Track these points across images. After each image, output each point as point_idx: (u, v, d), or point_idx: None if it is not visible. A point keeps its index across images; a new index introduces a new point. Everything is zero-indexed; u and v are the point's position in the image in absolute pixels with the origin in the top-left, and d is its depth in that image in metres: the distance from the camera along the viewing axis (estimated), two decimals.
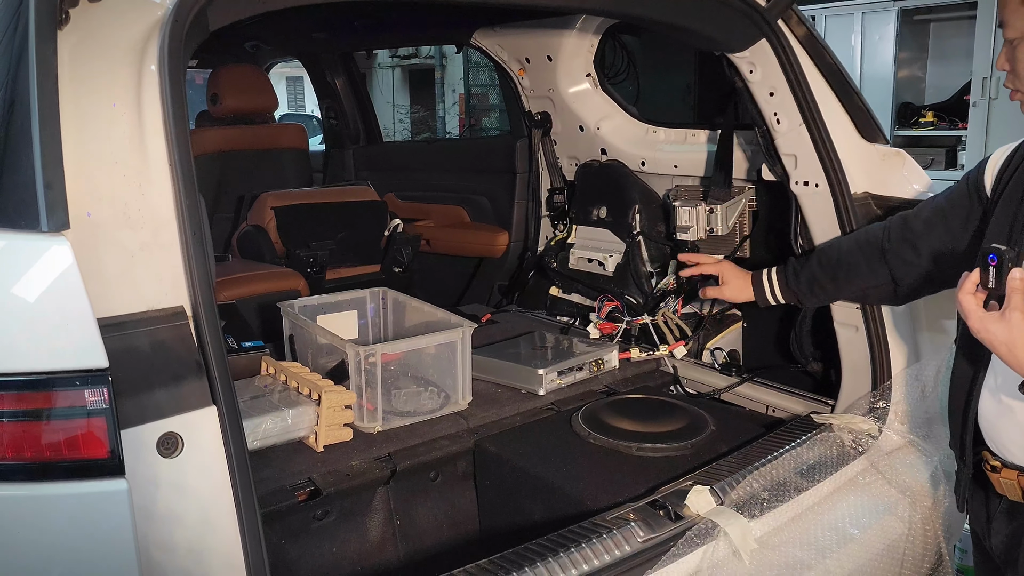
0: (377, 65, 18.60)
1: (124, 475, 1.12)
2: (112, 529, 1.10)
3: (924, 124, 6.28)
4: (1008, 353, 1.35)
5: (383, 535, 2.13)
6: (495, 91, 14.64)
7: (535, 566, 1.57)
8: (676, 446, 2.14)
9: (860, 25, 6.38)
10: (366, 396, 2.19)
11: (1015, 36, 1.52)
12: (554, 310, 3.30)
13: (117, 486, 1.11)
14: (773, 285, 2.23)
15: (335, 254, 3.71)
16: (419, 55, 17.88)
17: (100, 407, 1.10)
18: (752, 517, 1.78)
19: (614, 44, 3.33)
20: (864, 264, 2.04)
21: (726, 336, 2.79)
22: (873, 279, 2.03)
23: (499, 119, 14.31)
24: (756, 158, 2.63)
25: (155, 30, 1.40)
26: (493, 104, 14.87)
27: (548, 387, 2.47)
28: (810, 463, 2.01)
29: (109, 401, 1.10)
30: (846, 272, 2.09)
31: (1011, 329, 1.33)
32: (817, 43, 2.39)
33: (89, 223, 1.23)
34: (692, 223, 2.74)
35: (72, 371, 1.09)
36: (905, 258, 1.93)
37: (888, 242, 1.97)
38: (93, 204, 1.26)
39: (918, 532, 2.04)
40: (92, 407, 1.09)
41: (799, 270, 2.18)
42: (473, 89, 15.63)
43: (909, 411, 2.24)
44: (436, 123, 17.21)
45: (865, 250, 2.04)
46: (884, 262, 1.98)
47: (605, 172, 3.18)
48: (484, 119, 15.13)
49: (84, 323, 1.10)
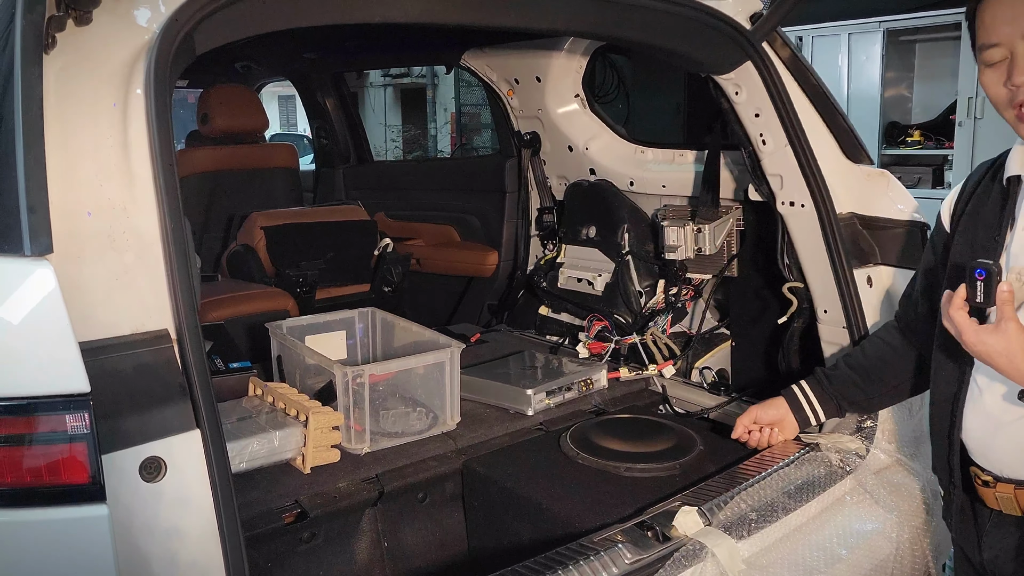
0: (369, 84, 18.68)
1: (105, 500, 1.12)
2: (93, 555, 1.09)
3: (911, 143, 6.33)
4: (1008, 363, 1.36)
5: (371, 557, 2.12)
6: (487, 110, 14.70)
7: None
8: (664, 466, 2.14)
9: (847, 45, 6.45)
10: (354, 417, 2.19)
11: None
12: (543, 329, 3.30)
13: (98, 511, 1.10)
14: (809, 397, 2.10)
15: (325, 274, 3.71)
16: (411, 74, 17.97)
17: (81, 432, 1.09)
18: (740, 538, 1.77)
19: (604, 64, 3.36)
20: (890, 351, 1.98)
21: (715, 355, 2.80)
22: (903, 360, 1.95)
23: (491, 138, 14.36)
24: (743, 178, 2.65)
25: (142, 53, 1.40)
26: (485, 123, 14.93)
27: (537, 407, 2.47)
28: (798, 483, 2.01)
29: (90, 426, 1.10)
30: (878, 365, 2.01)
31: (1009, 339, 1.35)
32: (801, 65, 2.42)
33: (73, 246, 1.23)
34: (680, 243, 2.76)
35: (53, 396, 1.09)
36: (920, 327, 1.87)
37: (902, 320, 1.95)
38: (77, 227, 1.26)
39: (906, 552, 2.04)
40: (73, 432, 1.09)
41: (830, 375, 2.09)
42: (464, 108, 15.71)
43: (896, 430, 2.24)
44: (428, 142, 17.27)
45: (886, 337, 1.99)
46: (905, 337, 1.94)
47: (594, 192, 3.19)
48: (476, 137, 15.19)
49: (66, 347, 1.10)
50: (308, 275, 3.66)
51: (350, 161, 4.74)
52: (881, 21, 6.26)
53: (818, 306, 2.36)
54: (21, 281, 1.09)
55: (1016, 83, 1.43)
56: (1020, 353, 1.35)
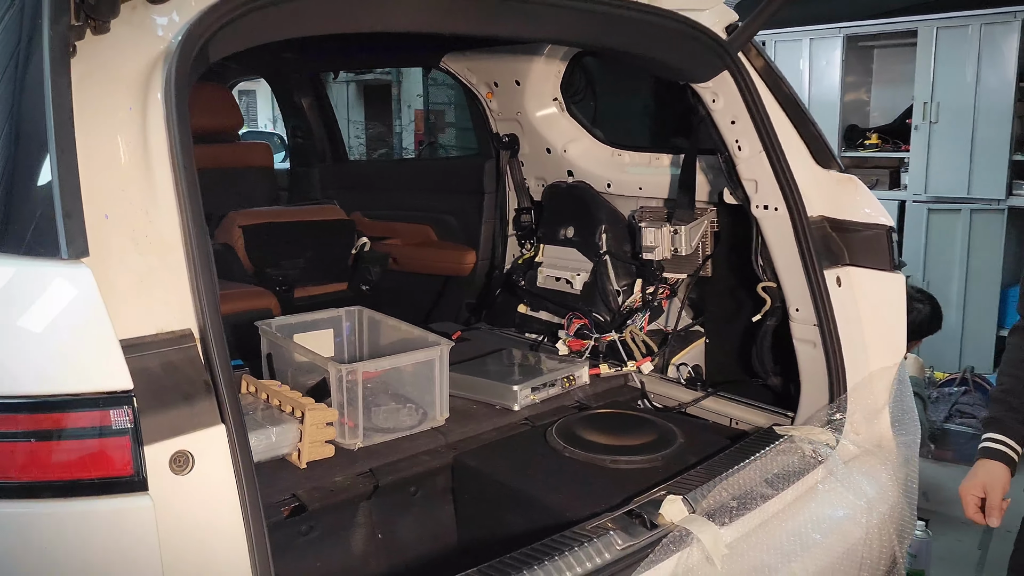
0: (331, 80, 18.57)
1: (148, 491, 1.18)
2: (138, 543, 1.15)
3: (869, 146, 6.51)
4: None
5: (366, 549, 2.18)
6: (452, 108, 14.73)
7: (523, 573, 1.64)
8: (648, 458, 2.24)
9: (808, 50, 6.62)
10: (347, 413, 2.25)
11: None
12: (523, 327, 3.38)
13: (142, 502, 1.16)
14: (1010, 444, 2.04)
15: (304, 272, 3.75)
16: (374, 71, 17.90)
17: (125, 426, 1.15)
18: (722, 524, 1.88)
19: (574, 65, 3.44)
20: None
21: (690, 352, 2.91)
22: None
23: (456, 136, 14.38)
24: (717, 182, 2.76)
25: (158, 61, 1.45)
26: (449, 121, 14.94)
27: (523, 403, 2.55)
28: (774, 472, 2.12)
29: (133, 420, 1.16)
30: None
31: None
32: (774, 74, 2.53)
33: (99, 249, 1.27)
34: (657, 243, 2.86)
35: (99, 392, 1.14)
36: None
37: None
38: (101, 231, 1.30)
39: (874, 536, 2.16)
40: (118, 426, 1.14)
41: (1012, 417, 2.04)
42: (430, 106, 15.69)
43: (863, 421, 2.37)
44: (393, 139, 17.23)
45: None
46: None
47: (572, 193, 3.28)
48: (441, 136, 15.19)
49: (108, 346, 1.15)
50: (288, 274, 3.70)
51: (326, 160, 4.77)
52: (841, 27, 6.44)
53: (790, 305, 2.47)
54: (62, 283, 1.14)
55: None
56: None
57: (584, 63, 3.47)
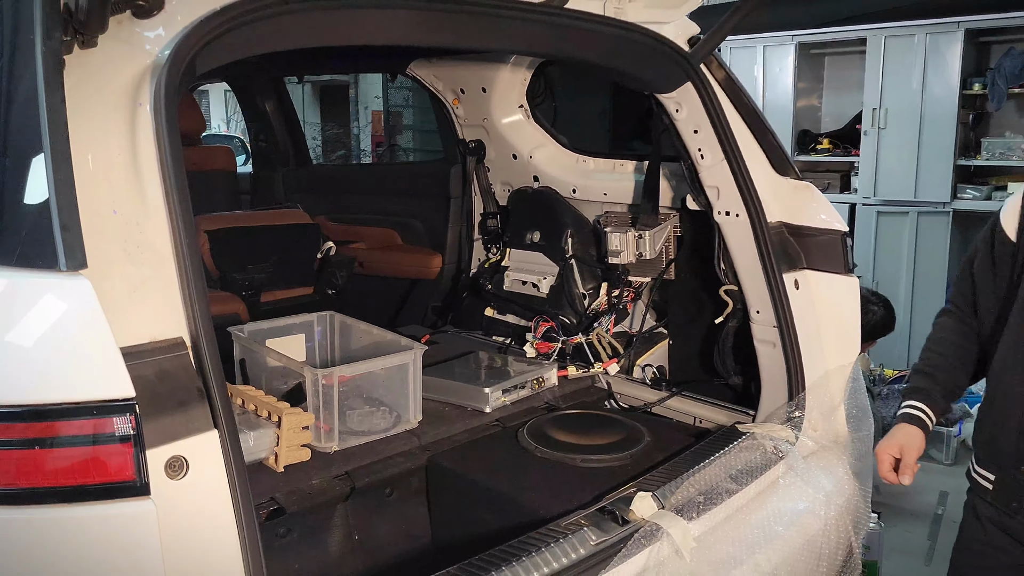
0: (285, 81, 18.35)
1: (150, 495, 1.21)
2: (140, 546, 1.18)
3: (821, 150, 6.72)
4: None
5: (343, 550, 2.23)
6: (409, 111, 14.70)
7: (503, 570, 1.71)
8: (617, 456, 2.32)
9: (762, 57, 6.80)
10: (323, 417, 2.28)
11: None
12: (490, 330, 3.44)
13: (145, 506, 1.20)
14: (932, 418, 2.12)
15: (270, 277, 3.75)
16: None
17: (128, 433, 1.18)
18: (690, 519, 1.96)
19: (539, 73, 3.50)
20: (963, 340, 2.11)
21: (655, 353, 2.99)
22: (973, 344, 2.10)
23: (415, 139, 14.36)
24: (680, 188, 2.85)
25: (146, 75, 1.48)
26: (407, 124, 14.90)
27: (494, 404, 2.61)
28: (738, 468, 2.21)
29: (136, 427, 1.19)
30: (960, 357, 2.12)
31: None
32: (735, 85, 2.63)
33: (92, 260, 1.30)
34: (623, 248, 2.95)
35: (103, 400, 1.17)
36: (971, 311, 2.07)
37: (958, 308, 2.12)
38: (94, 242, 1.33)
39: (832, 528, 2.26)
40: (121, 433, 1.18)
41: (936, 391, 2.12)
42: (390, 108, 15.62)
43: (820, 419, 2.48)
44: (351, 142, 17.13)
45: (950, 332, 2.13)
46: (965, 324, 2.10)
47: (538, 198, 3.35)
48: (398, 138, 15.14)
49: (111, 356, 1.18)
50: (254, 278, 3.70)
51: (289, 164, 4.78)
52: (793, 35, 6.63)
53: (751, 307, 2.56)
54: (63, 295, 1.17)
55: None
56: None
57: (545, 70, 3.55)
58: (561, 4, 2.19)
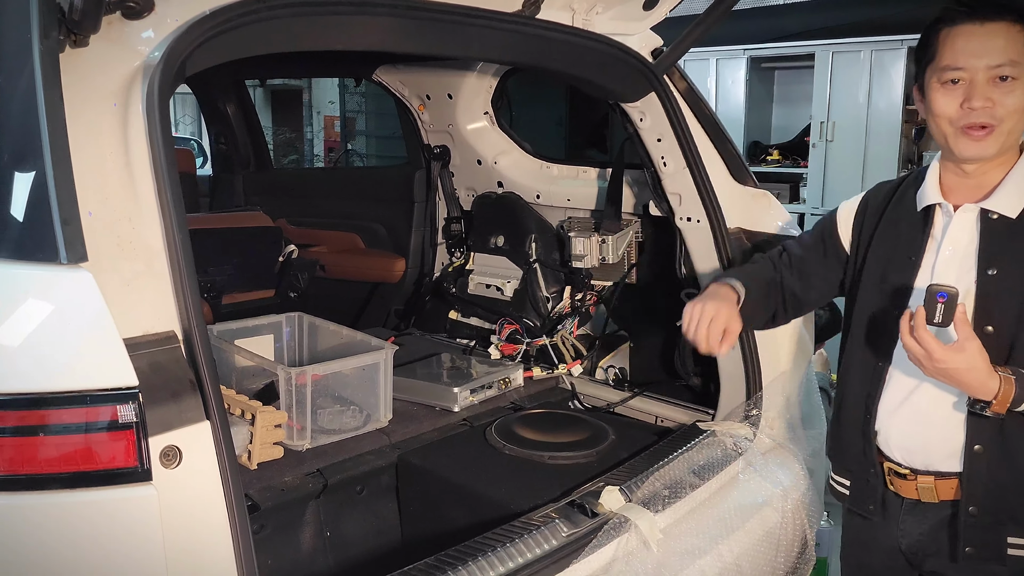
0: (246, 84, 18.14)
1: (152, 481, 1.24)
2: (142, 530, 1.21)
3: (771, 161, 6.95)
4: (973, 379, 1.52)
5: (314, 546, 2.25)
6: (362, 116, 14.67)
7: (478, 559, 1.76)
8: (584, 453, 2.39)
9: (715, 70, 6.99)
10: (295, 416, 2.31)
11: None
12: (454, 333, 3.49)
13: (147, 491, 1.23)
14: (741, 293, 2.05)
15: (231, 279, 3.75)
16: None
17: (132, 420, 1.21)
18: (656, 511, 2.04)
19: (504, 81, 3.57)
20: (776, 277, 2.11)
21: (617, 355, 3.08)
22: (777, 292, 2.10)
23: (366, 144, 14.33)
24: (642, 194, 2.94)
25: (137, 75, 1.51)
26: (360, 130, 14.86)
27: (462, 404, 2.66)
28: (700, 464, 2.29)
29: (138, 415, 1.22)
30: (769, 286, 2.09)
31: (973, 357, 1.50)
32: (696, 96, 2.73)
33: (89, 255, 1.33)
34: (586, 252, 3.03)
35: (109, 389, 1.20)
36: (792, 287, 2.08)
37: (779, 269, 2.10)
38: (89, 236, 1.35)
39: (789, 521, 2.36)
40: (125, 420, 1.20)
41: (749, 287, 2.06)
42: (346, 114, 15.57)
43: (777, 417, 2.58)
44: (304, 146, 17.01)
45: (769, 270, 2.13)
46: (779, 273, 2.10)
47: (502, 203, 3.42)
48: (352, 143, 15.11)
49: (114, 346, 1.21)
50: (215, 281, 3.69)
51: (250, 167, 4.76)
52: (745, 49, 6.84)
53: None
54: (66, 287, 1.20)
55: (973, 107, 1.59)
56: (983, 369, 1.51)
57: None
58: (532, 15, 2.27)
